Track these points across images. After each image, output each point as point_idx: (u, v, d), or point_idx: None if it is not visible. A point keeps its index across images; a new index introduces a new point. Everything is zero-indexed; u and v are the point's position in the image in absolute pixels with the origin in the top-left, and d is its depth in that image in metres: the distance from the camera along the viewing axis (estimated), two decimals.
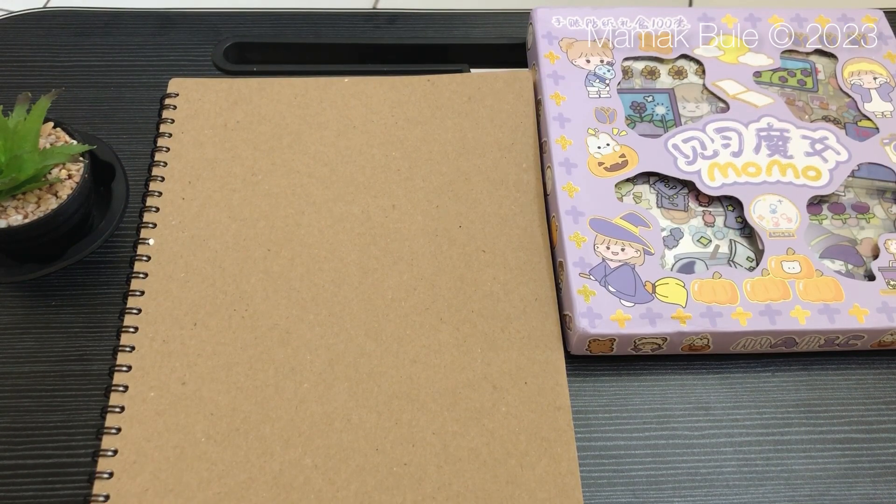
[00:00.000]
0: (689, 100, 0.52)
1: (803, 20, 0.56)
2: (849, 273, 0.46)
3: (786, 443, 0.43)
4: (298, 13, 0.60)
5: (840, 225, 0.48)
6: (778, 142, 0.50)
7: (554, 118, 0.50)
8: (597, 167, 0.48)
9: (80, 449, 0.41)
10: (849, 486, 0.41)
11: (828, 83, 0.54)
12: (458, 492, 0.40)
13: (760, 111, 0.51)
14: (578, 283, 0.44)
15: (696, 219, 0.48)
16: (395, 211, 0.48)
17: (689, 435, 0.43)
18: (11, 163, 0.42)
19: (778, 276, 0.45)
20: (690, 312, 0.43)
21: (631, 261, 0.45)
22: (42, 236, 0.44)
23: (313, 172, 0.50)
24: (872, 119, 0.52)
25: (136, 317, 0.44)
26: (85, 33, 0.58)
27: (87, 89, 0.54)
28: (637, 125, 0.51)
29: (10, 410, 0.42)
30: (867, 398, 0.44)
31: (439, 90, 0.53)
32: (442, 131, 0.52)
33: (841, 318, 0.43)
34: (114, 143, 0.51)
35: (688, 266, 0.46)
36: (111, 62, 0.56)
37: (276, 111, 0.52)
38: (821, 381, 0.45)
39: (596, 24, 0.55)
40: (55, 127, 0.47)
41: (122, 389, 0.42)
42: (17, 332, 0.45)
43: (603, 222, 0.46)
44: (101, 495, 0.39)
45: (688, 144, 0.50)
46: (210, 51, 0.57)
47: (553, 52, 0.53)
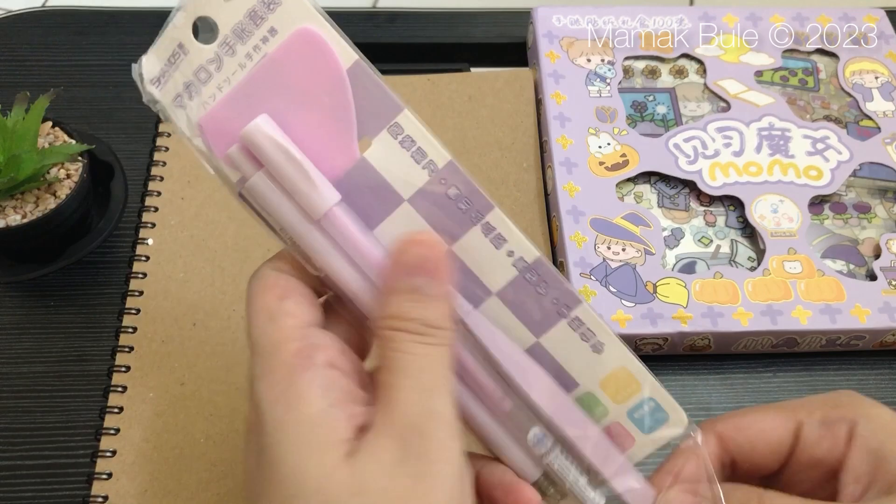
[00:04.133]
0: (690, 99, 0.52)
1: (804, 19, 0.56)
2: (850, 273, 0.46)
3: None
4: None
5: (841, 225, 0.48)
6: (779, 141, 0.50)
7: (554, 117, 0.50)
8: (597, 167, 0.48)
9: (79, 450, 0.41)
10: None
11: (829, 82, 0.54)
12: None
13: (762, 110, 0.51)
14: (579, 283, 0.44)
15: (697, 218, 0.48)
16: None
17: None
18: (10, 162, 0.42)
19: (779, 276, 0.45)
20: (691, 312, 0.43)
21: (632, 261, 0.45)
22: (40, 236, 0.44)
23: None
24: (874, 118, 0.52)
25: (134, 317, 0.44)
26: (84, 33, 0.57)
27: (86, 89, 0.54)
28: (638, 124, 0.51)
29: (8, 411, 0.42)
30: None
31: (439, 90, 0.53)
32: (442, 131, 0.51)
33: (842, 319, 0.43)
34: (113, 143, 0.50)
35: (689, 266, 0.46)
36: (110, 61, 0.56)
37: None
38: (822, 381, 0.45)
39: (596, 23, 0.55)
40: (54, 126, 0.46)
41: (120, 390, 0.41)
42: (15, 333, 0.44)
43: (604, 222, 0.46)
44: (100, 496, 0.39)
45: (689, 144, 0.49)
46: None
47: (554, 52, 0.53)
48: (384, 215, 0.26)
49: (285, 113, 0.26)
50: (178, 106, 0.26)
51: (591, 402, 0.28)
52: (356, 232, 0.26)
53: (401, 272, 0.25)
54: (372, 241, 0.26)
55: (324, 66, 0.26)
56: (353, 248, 0.26)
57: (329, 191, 0.26)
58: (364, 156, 0.26)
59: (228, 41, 0.26)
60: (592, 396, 0.28)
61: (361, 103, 0.26)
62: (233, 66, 0.26)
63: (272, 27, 0.26)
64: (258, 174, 0.26)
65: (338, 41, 0.26)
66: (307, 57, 0.26)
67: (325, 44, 0.26)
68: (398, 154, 0.26)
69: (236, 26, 0.26)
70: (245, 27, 0.26)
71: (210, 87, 0.26)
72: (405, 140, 0.26)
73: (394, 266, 0.26)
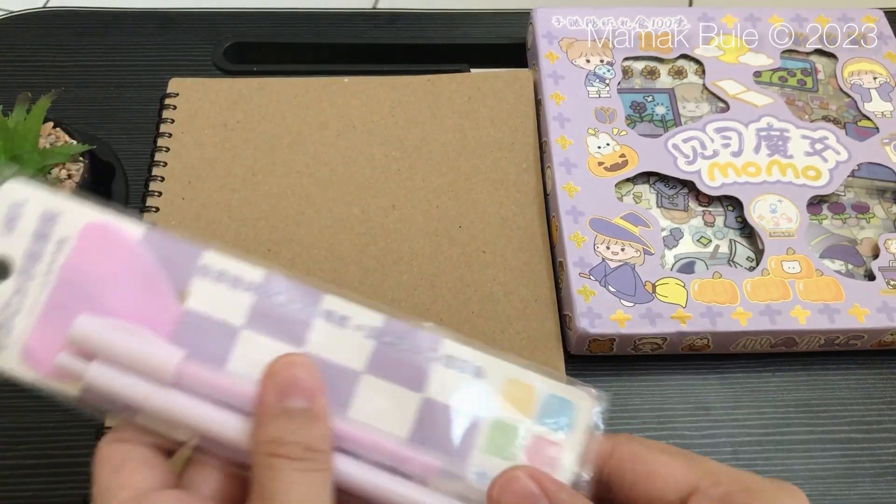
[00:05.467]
0: (689, 99, 0.52)
1: (803, 20, 0.56)
2: (849, 273, 0.46)
3: (786, 443, 0.43)
4: (298, 13, 0.60)
5: (840, 225, 0.48)
6: (778, 142, 0.50)
7: (554, 118, 0.50)
8: (597, 167, 0.48)
9: (80, 449, 0.41)
10: (849, 486, 0.41)
11: (828, 83, 0.54)
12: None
13: (760, 111, 0.51)
14: (578, 283, 0.44)
15: (696, 219, 0.48)
16: (395, 211, 0.48)
17: (690, 435, 0.43)
18: (11, 163, 0.42)
19: (778, 275, 0.45)
20: (690, 312, 0.43)
21: (631, 261, 0.45)
22: None
23: (313, 172, 0.49)
24: (872, 119, 0.52)
25: None
26: (85, 33, 0.58)
27: (87, 89, 0.54)
28: (637, 125, 0.51)
29: (9, 410, 0.42)
30: (867, 398, 0.44)
31: (439, 90, 0.53)
32: (442, 131, 0.52)
33: (841, 318, 0.43)
34: (114, 143, 0.51)
35: (688, 266, 0.46)
36: (111, 62, 0.56)
37: (276, 111, 0.52)
38: (821, 380, 0.45)
39: (596, 23, 0.55)
40: (55, 127, 0.47)
41: None
42: None
43: (603, 222, 0.46)
44: None
45: (688, 144, 0.50)
46: (210, 51, 0.57)
47: (553, 52, 0.53)
48: (229, 351, 0.26)
49: (101, 304, 0.26)
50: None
51: (501, 430, 0.26)
52: (215, 375, 0.26)
53: (274, 395, 0.24)
54: (233, 377, 0.26)
55: (118, 248, 0.27)
56: (219, 390, 0.26)
57: (172, 349, 0.26)
58: (187, 307, 0.27)
59: (25, 268, 0.27)
60: (499, 424, 0.26)
61: (165, 263, 0.27)
62: (36, 287, 0.27)
63: (60, 238, 0.27)
64: (94, 364, 0.26)
65: (121, 222, 0.27)
66: (100, 248, 0.27)
67: (111, 228, 0.27)
68: (217, 291, 0.27)
69: (27, 249, 0.27)
70: (35, 249, 0.27)
71: (22, 316, 0.27)
72: (218, 275, 0.27)
73: (266, 390, 0.25)
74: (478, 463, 0.26)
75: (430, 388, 0.27)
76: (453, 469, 0.26)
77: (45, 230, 0.27)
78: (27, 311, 0.27)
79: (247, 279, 0.27)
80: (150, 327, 0.26)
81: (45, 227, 0.27)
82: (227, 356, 0.27)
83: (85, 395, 0.26)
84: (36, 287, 0.27)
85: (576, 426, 0.27)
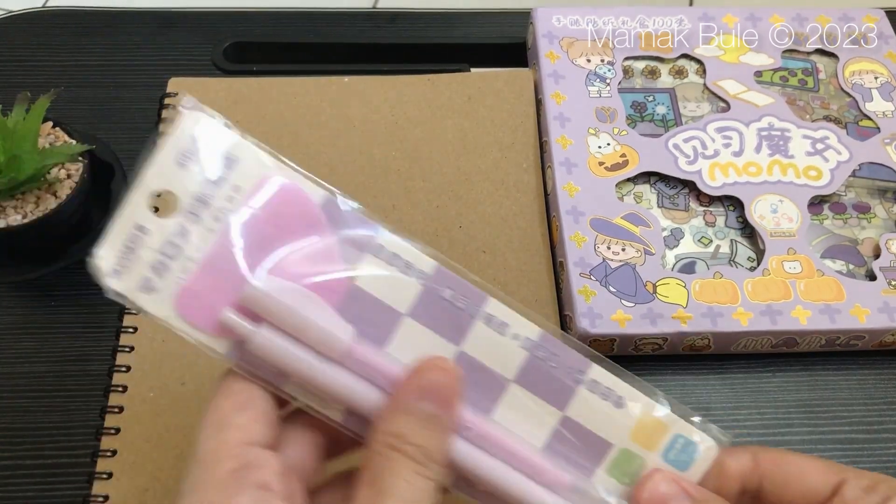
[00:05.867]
0: (690, 99, 0.52)
1: (804, 20, 0.56)
2: (850, 273, 0.46)
3: (787, 443, 0.43)
4: (298, 13, 0.60)
5: (841, 225, 0.48)
6: (779, 141, 0.50)
7: (554, 118, 0.50)
8: (597, 167, 0.48)
9: (80, 449, 0.41)
10: None
11: (829, 83, 0.54)
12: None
13: (761, 111, 0.51)
14: (579, 283, 0.44)
15: (697, 219, 0.48)
16: (395, 211, 0.48)
17: None
18: (10, 163, 0.42)
19: (779, 276, 0.45)
20: (691, 312, 0.43)
21: (631, 261, 0.45)
22: (41, 236, 0.44)
23: (313, 172, 0.49)
24: (873, 119, 0.52)
25: (135, 317, 0.44)
26: (84, 33, 0.57)
27: (87, 89, 0.54)
28: (638, 125, 0.51)
29: (9, 410, 0.42)
30: (868, 398, 0.44)
31: (439, 90, 0.53)
32: (442, 131, 0.52)
33: (842, 319, 0.43)
34: (113, 143, 0.50)
35: (688, 266, 0.46)
36: (111, 62, 0.56)
37: (276, 111, 0.52)
38: (822, 381, 0.45)
39: (596, 23, 0.55)
40: (54, 126, 0.47)
41: (121, 390, 0.42)
42: (16, 333, 0.44)
43: (603, 222, 0.46)
44: (101, 496, 0.39)
45: (688, 144, 0.50)
46: (210, 50, 0.57)
47: (553, 52, 0.53)
48: (390, 335, 0.27)
49: (273, 263, 0.26)
50: (146, 291, 0.25)
51: (627, 458, 0.28)
52: (382, 359, 0.26)
53: (413, 392, 0.25)
54: (392, 361, 0.26)
55: (298, 209, 0.26)
56: (379, 376, 0.26)
57: (343, 325, 0.26)
58: (356, 283, 0.26)
59: (192, 209, 0.26)
60: (627, 452, 0.28)
61: (341, 233, 0.27)
62: (200, 233, 0.25)
63: (235, 185, 0.26)
64: (263, 330, 0.25)
65: (305, 183, 0.27)
66: (279, 205, 0.26)
67: (301, 192, 0.26)
68: (387, 273, 0.27)
69: (197, 192, 0.26)
70: (206, 191, 0.26)
71: (180, 260, 0.25)
72: (391, 257, 0.27)
73: (407, 386, 0.25)
74: (600, 483, 0.28)
75: (571, 408, 0.28)
76: (583, 486, 0.27)
77: (222, 174, 0.26)
78: (186, 257, 0.25)
79: (417, 267, 0.27)
80: (320, 296, 0.26)
81: (223, 171, 0.26)
82: (387, 339, 0.27)
83: (242, 355, 0.26)
84: (200, 232, 0.25)
85: (695, 469, 0.28)
